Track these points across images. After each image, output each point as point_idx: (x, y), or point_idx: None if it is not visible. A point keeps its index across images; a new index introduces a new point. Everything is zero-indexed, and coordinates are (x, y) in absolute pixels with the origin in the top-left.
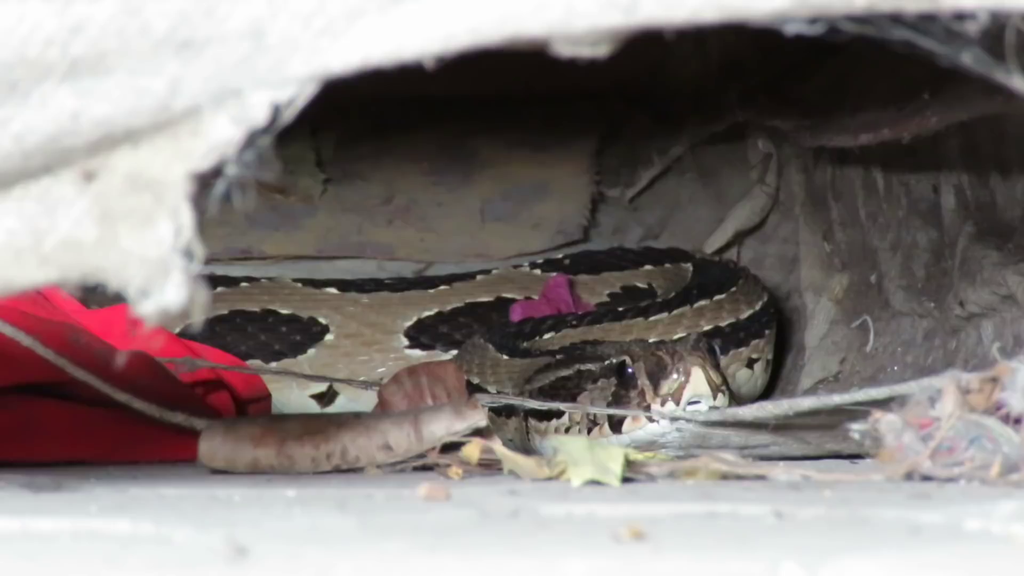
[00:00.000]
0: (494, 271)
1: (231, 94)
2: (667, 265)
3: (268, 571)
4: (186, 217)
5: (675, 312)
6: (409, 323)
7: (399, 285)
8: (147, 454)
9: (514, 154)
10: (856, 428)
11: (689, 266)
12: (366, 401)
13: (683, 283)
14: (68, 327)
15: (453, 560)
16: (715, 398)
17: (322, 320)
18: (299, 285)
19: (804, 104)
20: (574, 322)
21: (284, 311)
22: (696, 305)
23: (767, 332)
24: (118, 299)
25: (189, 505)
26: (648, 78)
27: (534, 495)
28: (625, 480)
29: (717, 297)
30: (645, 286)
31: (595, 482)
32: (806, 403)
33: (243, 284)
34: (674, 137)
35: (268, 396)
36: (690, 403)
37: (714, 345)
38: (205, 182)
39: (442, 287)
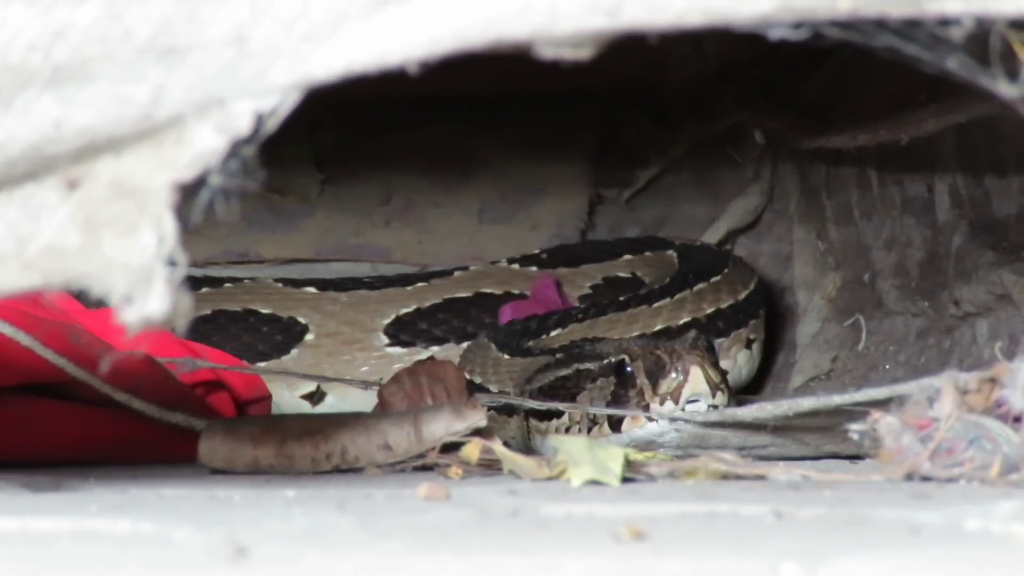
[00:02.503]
0: (472, 267)
1: (214, 103)
2: (647, 253)
3: (268, 571)
4: (169, 226)
5: (677, 297)
6: (388, 320)
7: (377, 283)
8: (148, 454)
9: (512, 155)
10: (855, 428)
11: (672, 253)
12: (354, 400)
13: (671, 269)
14: (68, 327)
15: (453, 560)
16: (714, 396)
17: (301, 320)
18: (279, 285)
19: (802, 105)
20: (580, 315)
21: (264, 311)
22: (696, 288)
23: (761, 312)
24: None
25: (189, 505)
26: (646, 79)
27: (534, 495)
28: (625, 480)
29: (714, 280)
30: (628, 275)
31: (595, 482)
32: (806, 403)
33: (227, 285)
34: (672, 138)
35: (268, 397)
36: (689, 401)
37: (712, 343)
38: (188, 191)
39: (420, 284)
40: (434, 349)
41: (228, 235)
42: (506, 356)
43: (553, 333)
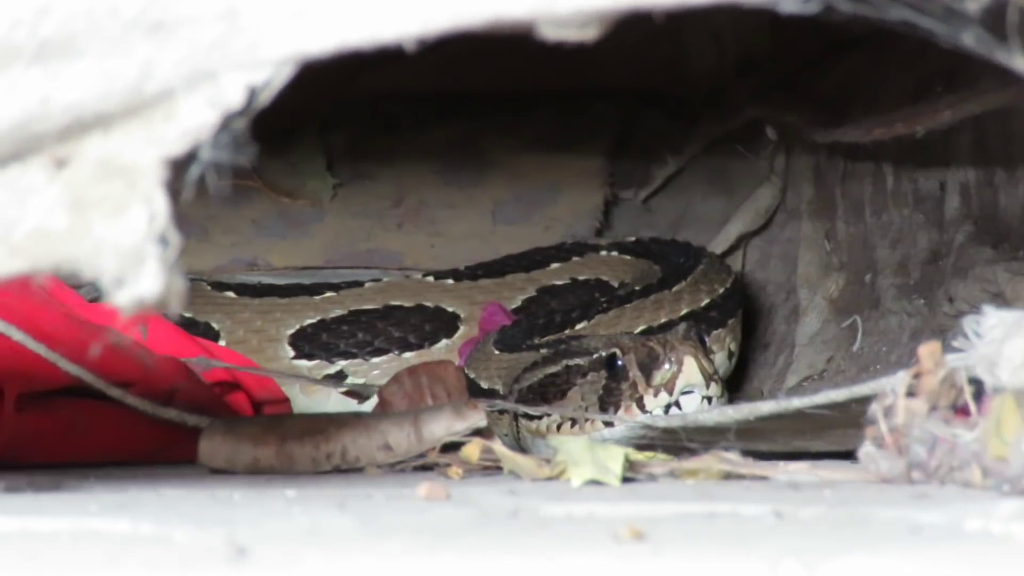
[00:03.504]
0: (385, 279)
1: (205, 77)
2: (575, 259)
3: (268, 571)
4: (160, 204)
5: (690, 279)
6: (291, 331)
7: (290, 290)
8: (186, 454)
9: (526, 153)
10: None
11: (620, 254)
12: (333, 405)
13: (642, 265)
14: (109, 330)
15: (453, 560)
16: (708, 387)
17: (215, 325)
18: (208, 288)
19: (819, 100)
20: (605, 305)
21: (187, 315)
22: (700, 269)
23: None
24: None
25: (189, 505)
26: (664, 76)
27: (534, 495)
28: (625, 480)
29: (700, 268)
30: (567, 282)
31: (595, 482)
32: (766, 407)
33: None
34: (688, 136)
35: (285, 400)
36: (683, 393)
37: (703, 335)
38: (179, 167)
39: (329, 294)
40: (341, 364)
41: (236, 242)
42: (496, 352)
43: (580, 325)
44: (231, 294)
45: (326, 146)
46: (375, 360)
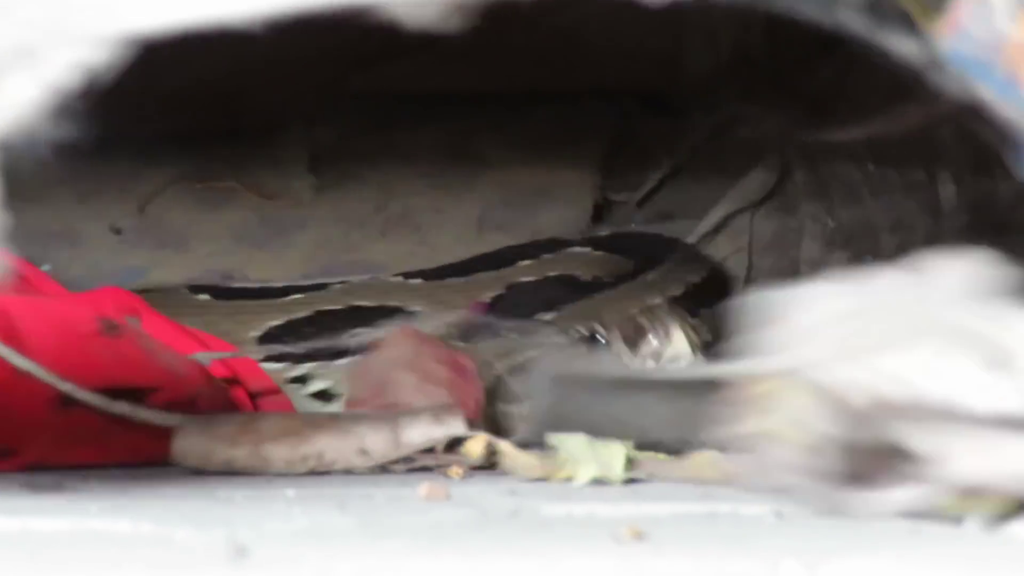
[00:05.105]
0: (354, 279)
1: (30, 52)
2: (546, 256)
3: (268, 571)
4: None
5: (661, 270)
6: (258, 334)
7: (260, 292)
8: None
9: (517, 156)
10: None
11: (589, 249)
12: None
13: (616, 260)
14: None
15: (453, 560)
16: (697, 357)
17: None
18: (186, 291)
19: (808, 98)
20: (575, 297)
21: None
22: (674, 259)
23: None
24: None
25: (189, 505)
26: (660, 75)
27: (534, 495)
28: (626, 480)
29: (674, 258)
30: (534, 278)
31: (596, 481)
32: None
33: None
34: (682, 136)
35: (278, 391)
36: (672, 363)
37: (693, 307)
38: (4, 147)
39: (295, 296)
40: (308, 366)
41: (213, 253)
42: (461, 345)
43: (548, 317)
44: (206, 296)
45: (312, 145)
46: (338, 363)
